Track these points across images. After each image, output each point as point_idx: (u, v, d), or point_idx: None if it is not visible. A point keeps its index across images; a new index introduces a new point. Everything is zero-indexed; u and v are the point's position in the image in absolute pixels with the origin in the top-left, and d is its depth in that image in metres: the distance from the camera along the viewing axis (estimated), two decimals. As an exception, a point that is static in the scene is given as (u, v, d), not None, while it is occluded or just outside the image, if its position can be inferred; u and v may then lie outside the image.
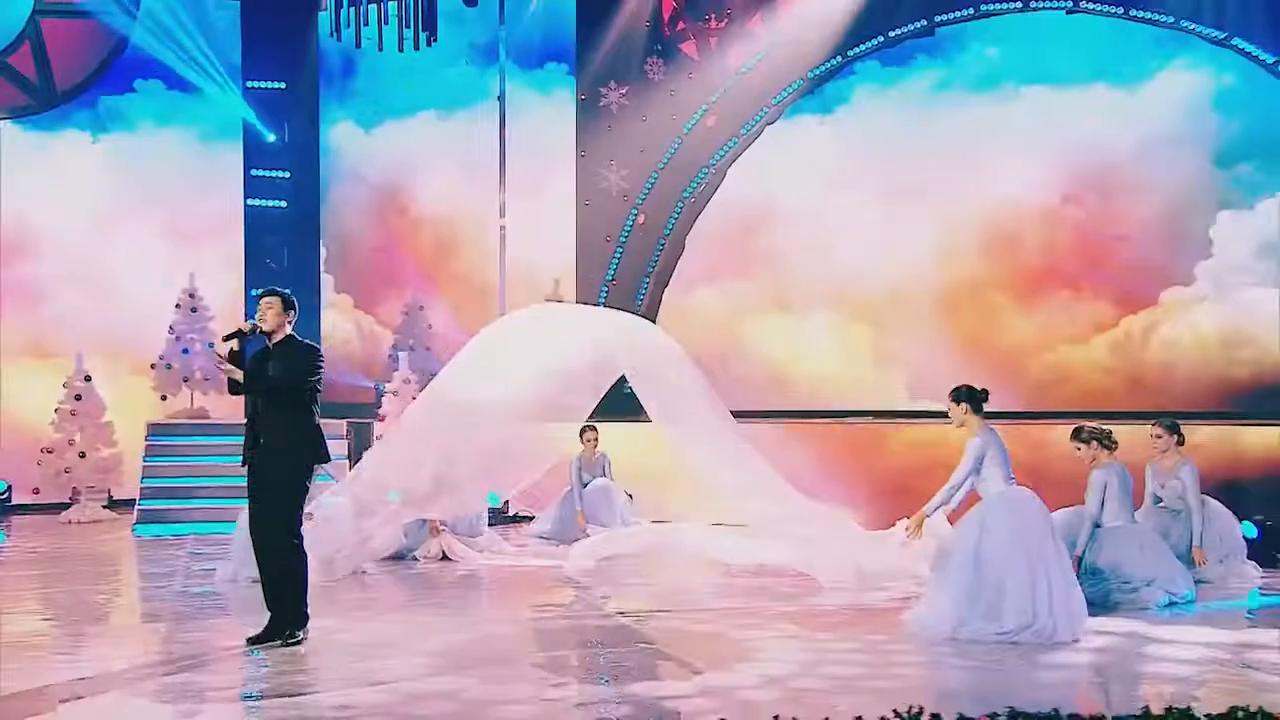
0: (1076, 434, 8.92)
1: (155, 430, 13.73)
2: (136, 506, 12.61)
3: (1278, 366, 12.76)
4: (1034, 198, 14.01)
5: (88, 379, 13.46)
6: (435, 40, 15.04)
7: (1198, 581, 8.97)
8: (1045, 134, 13.88)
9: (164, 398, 14.82)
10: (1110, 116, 13.60)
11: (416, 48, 14.93)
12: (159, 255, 15.83)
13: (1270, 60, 12.68)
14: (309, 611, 7.25)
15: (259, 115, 16.15)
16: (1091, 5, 13.52)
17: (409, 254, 16.84)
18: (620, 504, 12.29)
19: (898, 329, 14.65)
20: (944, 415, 8.15)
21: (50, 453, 13.28)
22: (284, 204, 16.40)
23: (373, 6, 14.94)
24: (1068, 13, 13.79)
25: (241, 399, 7.45)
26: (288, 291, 7.38)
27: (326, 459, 7.42)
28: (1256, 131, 13.06)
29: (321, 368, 7.31)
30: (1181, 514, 9.46)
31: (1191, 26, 13.05)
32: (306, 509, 7.74)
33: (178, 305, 15.04)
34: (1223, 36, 12.89)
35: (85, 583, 9.91)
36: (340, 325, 16.95)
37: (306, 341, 7.43)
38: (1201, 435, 11.89)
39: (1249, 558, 9.92)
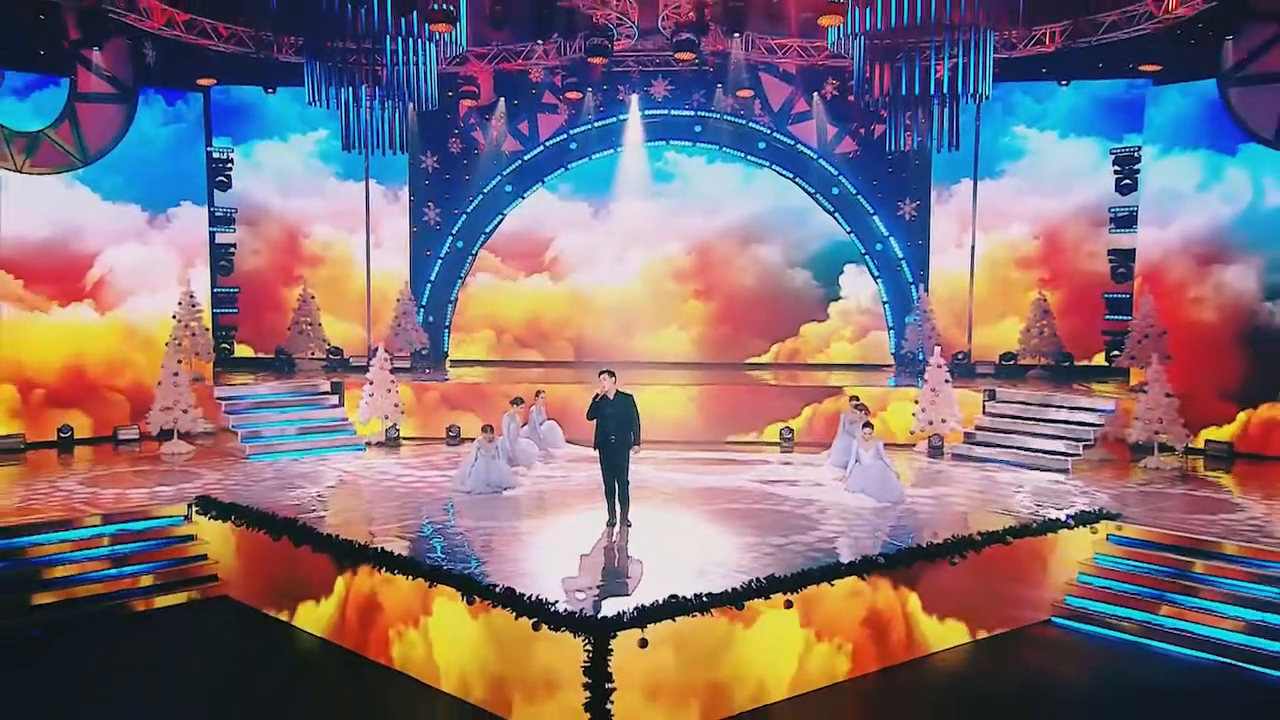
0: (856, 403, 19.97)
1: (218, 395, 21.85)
2: (246, 444, 20.69)
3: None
4: (683, 248, 26.26)
5: (180, 360, 21.14)
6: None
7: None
8: (684, 219, 26.14)
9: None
10: (715, 215, 26.07)
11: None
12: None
13: (812, 190, 25.49)
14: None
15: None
16: (730, 149, 25.64)
17: (302, 262, 25.53)
18: (562, 437, 20.03)
19: (615, 312, 26.14)
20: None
21: (167, 410, 20.86)
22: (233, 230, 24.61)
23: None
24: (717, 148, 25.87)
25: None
26: (611, 369, 14.36)
27: (638, 441, 14.23)
28: (793, 224, 25.92)
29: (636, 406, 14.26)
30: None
31: (776, 168, 25.54)
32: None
33: (179, 302, 22.83)
34: (791, 175, 25.51)
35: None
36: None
37: (628, 393, 14.22)
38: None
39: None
